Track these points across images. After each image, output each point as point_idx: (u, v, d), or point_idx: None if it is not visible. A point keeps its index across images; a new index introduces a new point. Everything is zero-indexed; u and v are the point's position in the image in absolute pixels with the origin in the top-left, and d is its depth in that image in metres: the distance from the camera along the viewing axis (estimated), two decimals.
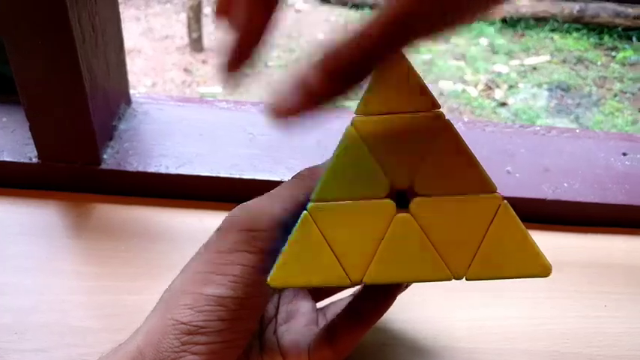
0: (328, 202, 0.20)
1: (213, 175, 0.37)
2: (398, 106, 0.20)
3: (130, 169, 0.37)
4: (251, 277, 0.21)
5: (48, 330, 0.30)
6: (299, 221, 0.21)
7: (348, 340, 0.24)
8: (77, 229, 0.36)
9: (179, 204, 0.38)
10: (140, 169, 0.37)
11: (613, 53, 1.99)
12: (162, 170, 0.37)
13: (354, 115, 0.21)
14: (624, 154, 0.42)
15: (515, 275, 0.21)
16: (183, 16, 1.89)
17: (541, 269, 0.21)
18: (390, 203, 0.20)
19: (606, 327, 0.32)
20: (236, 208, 0.23)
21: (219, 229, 0.22)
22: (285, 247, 0.21)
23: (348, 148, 0.21)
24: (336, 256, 0.20)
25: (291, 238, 0.21)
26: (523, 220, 0.43)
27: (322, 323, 0.27)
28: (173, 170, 0.37)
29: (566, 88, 1.81)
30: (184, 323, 0.20)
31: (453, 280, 0.21)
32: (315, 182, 0.21)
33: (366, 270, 0.20)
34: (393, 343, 0.31)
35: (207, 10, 1.99)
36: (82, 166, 0.37)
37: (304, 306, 0.27)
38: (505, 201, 0.21)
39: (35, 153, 0.37)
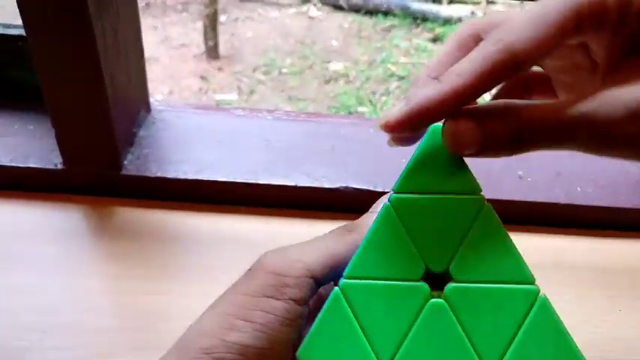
0: (361, 281, 0.20)
1: (230, 180, 0.38)
2: (438, 186, 0.20)
3: (149, 174, 0.38)
4: (276, 327, 0.20)
5: (69, 329, 0.31)
6: (330, 297, 0.20)
7: None
8: (99, 231, 0.37)
9: (197, 208, 0.39)
10: (159, 174, 0.38)
11: None
12: (181, 176, 0.38)
13: (392, 192, 0.20)
14: None
15: None
16: (199, 25, 1.92)
17: None
18: (424, 287, 0.20)
19: (620, 331, 0.32)
20: (270, 250, 0.22)
21: (250, 269, 0.22)
22: (316, 321, 0.20)
23: (384, 225, 0.20)
24: (366, 337, 0.20)
25: (322, 313, 0.20)
26: (536, 224, 0.42)
27: None
28: (191, 176, 0.38)
29: None
30: None
31: None
32: (355, 239, 0.21)
33: (395, 354, 0.20)
34: None
35: (223, 18, 2.02)
36: (104, 171, 0.38)
37: None
38: (543, 294, 0.20)
39: (60, 159, 0.38)
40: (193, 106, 0.44)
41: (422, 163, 0.20)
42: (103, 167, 0.38)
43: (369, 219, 0.22)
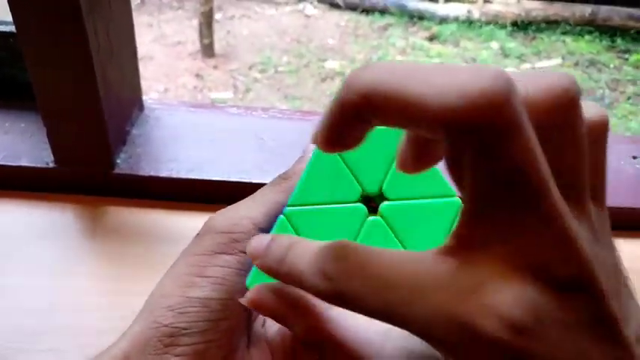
0: (304, 207, 0.22)
1: (224, 179, 0.38)
2: None
3: (142, 173, 0.38)
4: (232, 279, 0.21)
5: (63, 331, 0.31)
6: (276, 225, 0.22)
7: None
8: (91, 231, 0.37)
9: (190, 207, 0.38)
10: (152, 173, 0.38)
11: (626, 56, 1.97)
12: (174, 174, 0.38)
13: None
14: (634, 158, 0.42)
15: None
16: (195, 22, 1.92)
17: None
18: (361, 207, 0.22)
19: None
20: (215, 213, 0.23)
21: (198, 234, 0.23)
22: None
23: (322, 157, 0.22)
24: None
25: None
26: None
27: None
28: (184, 174, 0.38)
29: None
30: (166, 325, 0.21)
31: None
32: (293, 185, 0.22)
33: None
34: None
35: (219, 16, 2.02)
36: (96, 170, 0.38)
37: None
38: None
39: (52, 158, 0.38)
40: (187, 105, 0.44)
41: None
42: (95, 166, 0.38)
43: (301, 164, 0.24)
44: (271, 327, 0.26)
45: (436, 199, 0.22)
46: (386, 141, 0.22)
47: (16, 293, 0.33)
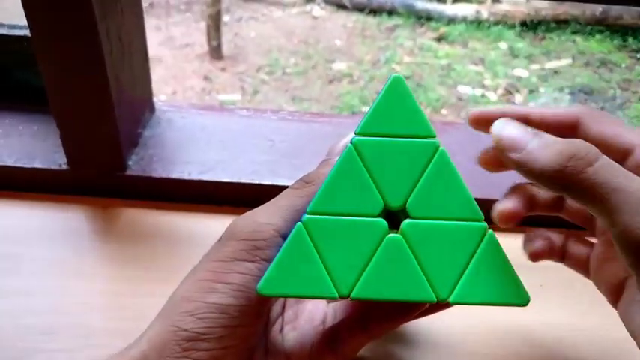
0: (323, 216, 0.21)
1: (235, 181, 0.38)
2: (397, 131, 0.21)
3: (154, 175, 0.38)
4: (252, 286, 0.21)
5: (74, 331, 0.31)
6: (293, 232, 0.21)
7: (350, 346, 0.24)
8: (104, 233, 0.37)
9: (201, 209, 0.39)
10: (164, 175, 0.38)
11: (638, 55, 1.95)
12: (185, 176, 0.38)
13: (355, 135, 0.22)
14: None
15: (494, 303, 0.21)
16: (202, 25, 1.92)
17: (520, 299, 0.21)
18: (382, 223, 0.21)
19: (618, 333, 0.32)
20: (237, 218, 0.23)
21: (220, 239, 0.23)
22: (278, 257, 0.21)
23: (346, 165, 0.21)
24: (327, 269, 0.21)
25: (284, 248, 0.21)
26: (535, 225, 0.42)
27: (331, 321, 0.26)
28: (195, 176, 0.38)
29: (589, 92, 1.78)
30: (186, 330, 0.21)
31: (437, 301, 0.21)
32: (315, 190, 0.22)
33: (354, 285, 0.21)
34: (400, 344, 0.31)
35: (226, 18, 2.03)
36: (108, 172, 0.38)
37: (312, 304, 0.27)
38: (491, 230, 0.21)
39: (65, 160, 0.38)
40: (198, 107, 0.44)
41: (383, 109, 0.22)
42: (107, 168, 0.38)
43: (325, 168, 0.23)
44: (288, 334, 0.25)
45: (462, 222, 0.21)
46: (415, 156, 0.21)
47: (27, 294, 0.33)
